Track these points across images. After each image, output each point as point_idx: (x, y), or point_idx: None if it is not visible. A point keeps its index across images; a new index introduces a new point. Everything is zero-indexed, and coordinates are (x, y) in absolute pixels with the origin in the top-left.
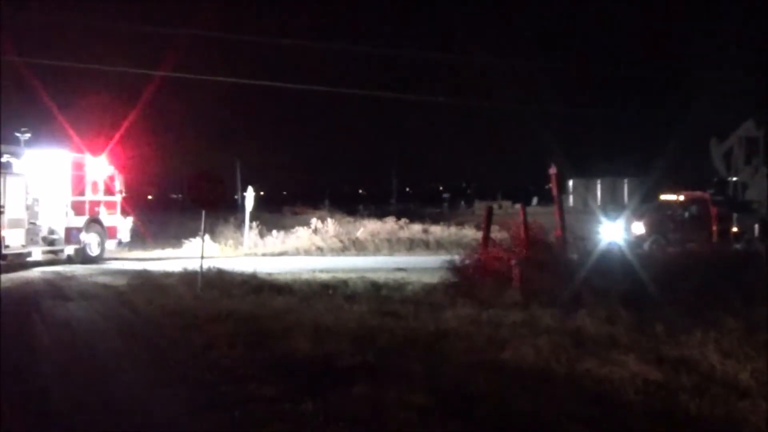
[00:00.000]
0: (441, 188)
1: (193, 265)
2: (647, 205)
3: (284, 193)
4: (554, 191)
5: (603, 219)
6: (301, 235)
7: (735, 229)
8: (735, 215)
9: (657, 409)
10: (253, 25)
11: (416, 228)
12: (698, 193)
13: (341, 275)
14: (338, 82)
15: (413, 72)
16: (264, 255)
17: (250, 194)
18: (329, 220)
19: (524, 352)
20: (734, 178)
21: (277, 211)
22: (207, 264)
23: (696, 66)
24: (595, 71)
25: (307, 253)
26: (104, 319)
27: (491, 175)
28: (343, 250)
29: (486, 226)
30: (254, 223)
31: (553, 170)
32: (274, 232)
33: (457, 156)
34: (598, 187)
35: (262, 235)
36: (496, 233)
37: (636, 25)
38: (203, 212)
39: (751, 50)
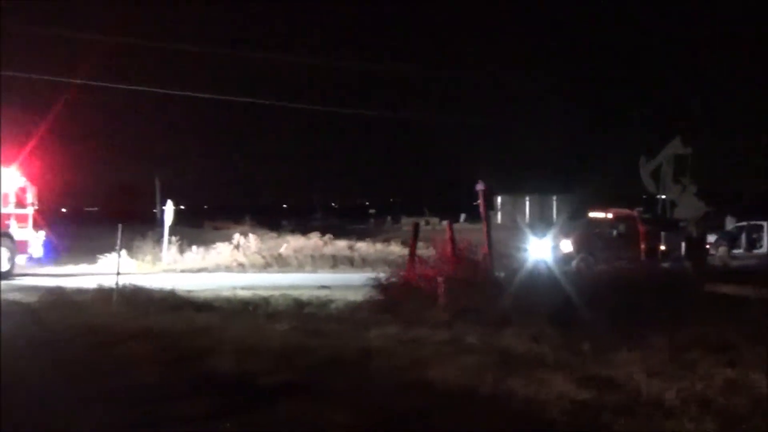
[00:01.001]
0: (367, 203)
1: (109, 282)
2: (576, 223)
3: (205, 207)
4: (482, 208)
5: (531, 236)
6: (222, 251)
7: (663, 248)
8: (663, 233)
9: (583, 429)
10: (170, 32)
11: (341, 244)
12: (627, 211)
13: (263, 292)
14: (259, 92)
15: (339, 84)
16: (183, 271)
17: (169, 208)
18: (251, 235)
19: (449, 372)
20: (662, 196)
21: (198, 225)
22: (123, 280)
23: (627, 84)
24: (526, 86)
25: (228, 269)
26: (14, 338)
27: (419, 191)
28: (266, 266)
29: (412, 242)
30: (173, 238)
31: (480, 186)
32: (194, 247)
33: (384, 171)
34: (527, 203)
35: (181, 250)
36: (423, 250)
37: (566, 41)
38: (120, 226)
39: (679, 69)
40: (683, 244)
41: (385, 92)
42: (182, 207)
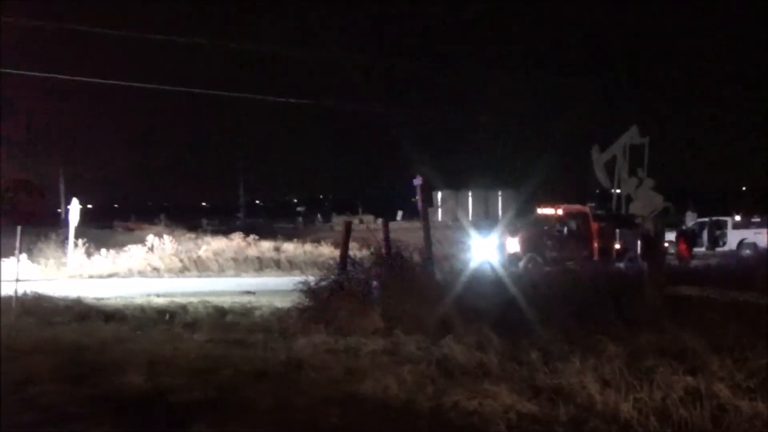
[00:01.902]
0: (295, 201)
1: (7, 290)
2: (523, 220)
3: (116, 206)
4: (420, 204)
5: (474, 235)
6: (135, 254)
7: (618, 246)
8: (618, 231)
9: None
10: (73, 12)
11: (266, 245)
12: (578, 207)
13: (180, 299)
14: (177, 78)
15: (264, 69)
16: (91, 277)
17: (75, 207)
18: (167, 236)
19: (386, 384)
20: (617, 191)
21: (108, 226)
22: (23, 288)
23: (578, 68)
24: (468, 73)
25: (142, 274)
26: None
27: (352, 187)
28: (183, 270)
29: (344, 243)
30: (80, 241)
31: (418, 181)
32: (104, 250)
33: (315, 165)
34: (470, 199)
35: (89, 254)
36: (356, 251)
37: (514, 27)
38: (19, 228)
39: (634, 55)
40: (639, 243)
41: (315, 79)
42: (89, 206)
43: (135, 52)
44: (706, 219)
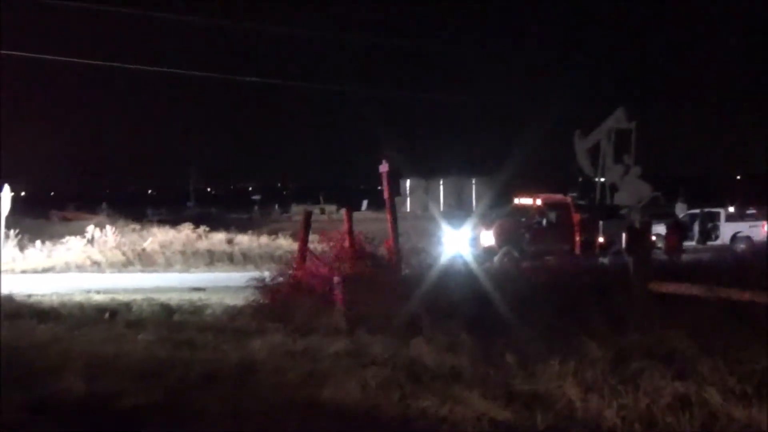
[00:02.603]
0: (250, 188)
1: None
2: (498, 211)
3: (52, 193)
4: (386, 193)
5: (445, 227)
6: (73, 247)
7: (601, 240)
8: (601, 223)
9: None
10: None
11: (218, 237)
12: (559, 197)
13: (123, 297)
14: (117, 52)
15: (213, 43)
16: (24, 272)
17: (6, 195)
18: (109, 227)
19: (348, 389)
20: (601, 179)
21: (43, 216)
22: None
23: (560, 45)
24: (438, 47)
25: (81, 269)
26: None
27: (313, 174)
28: (127, 265)
29: (303, 235)
30: (11, 232)
31: (384, 168)
32: (38, 243)
33: (272, 150)
34: (441, 188)
35: (21, 246)
36: (316, 244)
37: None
38: None
39: (620, 30)
40: (625, 236)
41: (271, 55)
42: (23, 193)
43: (73, 25)
44: (698, 210)
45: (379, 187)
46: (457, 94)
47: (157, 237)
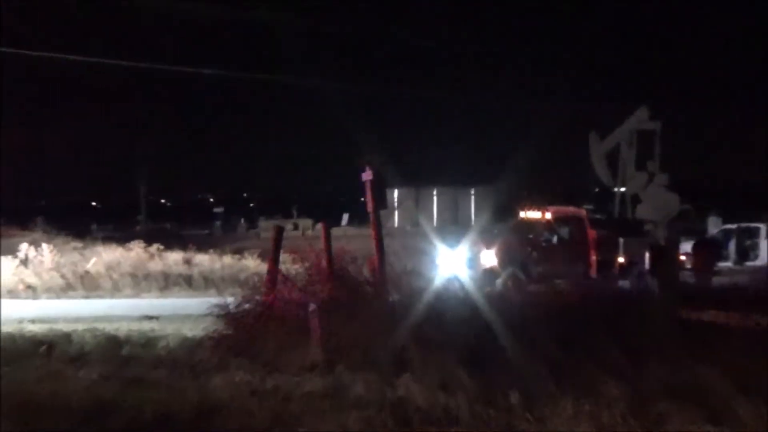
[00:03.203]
0: (211, 200)
1: None
2: (502, 226)
3: None
4: (370, 206)
5: (439, 245)
6: (4, 268)
7: (621, 260)
8: (621, 240)
9: None
10: None
11: (174, 257)
12: (571, 210)
13: (63, 326)
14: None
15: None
16: None
17: None
18: (45, 245)
19: None
20: (621, 189)
21: None
22: None
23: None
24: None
25: (12, 294)
26: None
27: (285, 184)
28: (67, 289)
29: (274, 254)
30: None
31: (368, 176)
32: None
33: (237, 155)
34: (434, 199)
35: None
36: (289, 265)
37: None
38: None
39: (642, 20)
40: (648, 255)
41: (235, 43)
42: None
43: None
44: (734, 226)
45: (362, 199)
46: (452, 91)
47: (103, 257)
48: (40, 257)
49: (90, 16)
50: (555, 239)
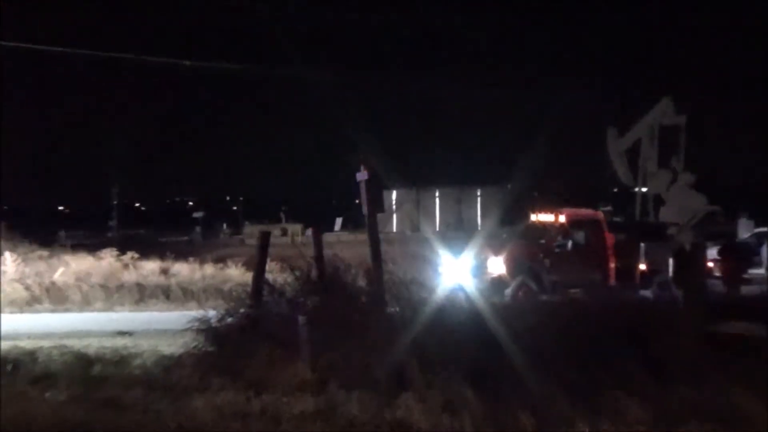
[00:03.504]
0: (191, 204)
1: None
2: (510, 231)
3: None
4: (366, 208)
5: (443, 251)
6: None
7: (643, 267)
8: (643, 245)
9: None
10: None
11: (150, 267)
12: (588, 212)
13: (27, 344)
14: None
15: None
16: None
17: None
18: (8, 254)
19: None
20: (642, 189)
21: None
22: None
23: (588, 22)
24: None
25: None
26: None
27: (271, 184)
28: (32, 302)
29: (259, 263)
30: None
31: (363, 176)
32: None
33: (219, 154)
34: (436, 201)
35: None
36: (276, 274)
37: None
38: None
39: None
40: (673, 262)
41: (214, 31)
42: None
43: None
44: (766, 229)
45: (357, 201)
46: (457, 84)
47: (71, 266)
48: (3, 267)
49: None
50: (569, 245)
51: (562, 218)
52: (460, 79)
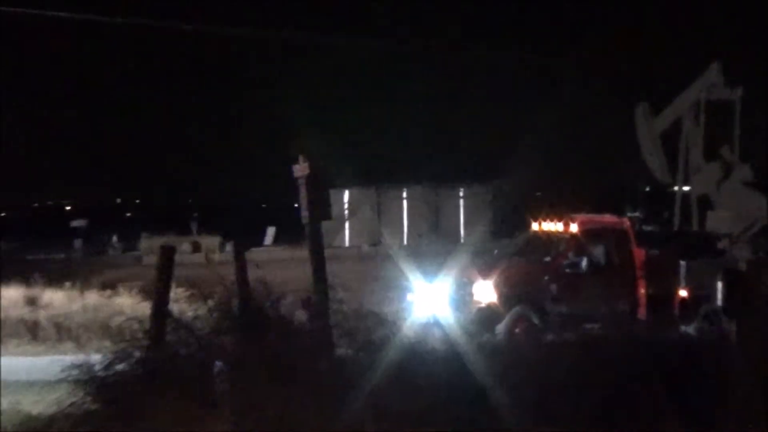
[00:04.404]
0: (68, 208)
1: None
2: (504, 244)
3: None
4: (306, 214)
5: (412, 272)
6: None
7: (684, 293)
8: (683, 263)
9: None
10: None
11: (12, 295)
12: (609, 219)
13: None
14: None
15: None
16: None
17: None
18: None
19: None
20: (684, 188)
21: None
22: None
23: None
24: None
25: None
26: None
27: (178, 184)
28: None
29: (161, 289)
30: None
31: (302, 170)
32: None
33: (107, 144)
34: (403, 205)
35: None
36: (184, 305)
37: None
38: None
39: None
40: (720, 286)
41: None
42: None
43: None
44: None
45: (296, 205)
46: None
47: None
48: None
49: None
50: (585, 264)
51: (574, 227)
52: (438, 42)
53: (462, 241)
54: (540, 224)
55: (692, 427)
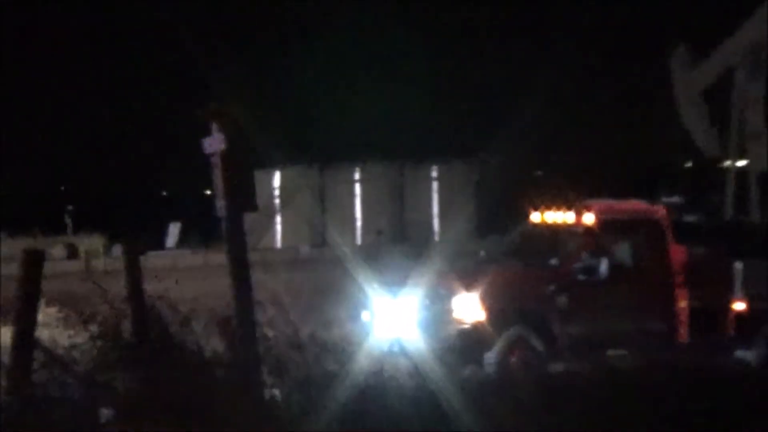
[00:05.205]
0: None
1: None
2: (494, 242)
3: None
4: (222, 204)
5: (368, 281)
6: None
7: (740, 305)
8: (739, 266)
9: None
10: None
11: None
12: (639, 207)
13: None
14: None
15: None
16: None
17: None
18: None
19: None
20: (738, 163)
21: None
22: None
23: None
24: None
25: None
26: None
27: (47, 165)
28: None
29: (26, 309)
30: None
31: (216, 142)
32: None
33: None
34: (356, 189)
35: None
36: (58, 330)
37: None
38: None
39: None
40: None
41: None
42: None
43: None
44: None
45: (208, 192)
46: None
47: None
48: None
49: None
50: (604, 268)
51: (589, 218)
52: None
53: (436, 238)
54: (542, 214)
55: None
